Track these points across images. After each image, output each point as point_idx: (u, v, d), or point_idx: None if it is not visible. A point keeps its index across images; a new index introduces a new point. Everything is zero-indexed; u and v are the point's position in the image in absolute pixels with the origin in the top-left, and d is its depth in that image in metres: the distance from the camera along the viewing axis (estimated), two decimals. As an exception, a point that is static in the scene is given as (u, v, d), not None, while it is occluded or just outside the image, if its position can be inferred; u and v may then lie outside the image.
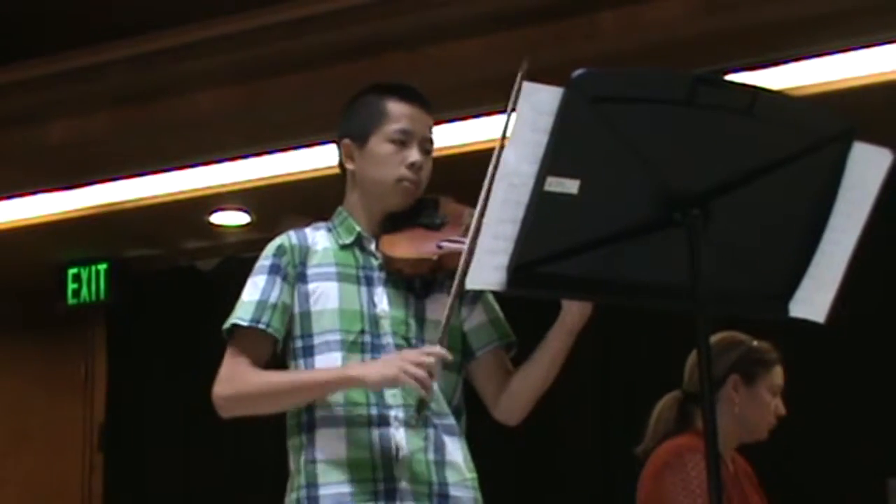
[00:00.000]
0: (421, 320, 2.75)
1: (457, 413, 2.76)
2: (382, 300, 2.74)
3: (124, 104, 5.49)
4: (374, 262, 2.77)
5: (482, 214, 2.15)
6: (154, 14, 5.27)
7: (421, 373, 2.51)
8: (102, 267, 6.81)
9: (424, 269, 2.71)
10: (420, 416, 2.62)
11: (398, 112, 2.78)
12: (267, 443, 5.52)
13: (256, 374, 2.69)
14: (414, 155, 2.77)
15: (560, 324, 2.68)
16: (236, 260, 6.41)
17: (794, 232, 2.21)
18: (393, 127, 2.77)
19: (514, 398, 2.79)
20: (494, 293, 2.84)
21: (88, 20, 5.40)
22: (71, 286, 6.84)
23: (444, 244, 2.68)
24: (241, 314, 2.71)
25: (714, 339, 3.44)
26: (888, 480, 4.78)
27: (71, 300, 6.87)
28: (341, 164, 2.87)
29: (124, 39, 5.35)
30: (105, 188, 5.99)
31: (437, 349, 2.56)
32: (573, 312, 2.65)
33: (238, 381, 2.68)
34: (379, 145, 2.77)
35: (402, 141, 2.77)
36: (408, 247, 2.72)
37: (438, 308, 2.71)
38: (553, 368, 2.73)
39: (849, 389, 5.15)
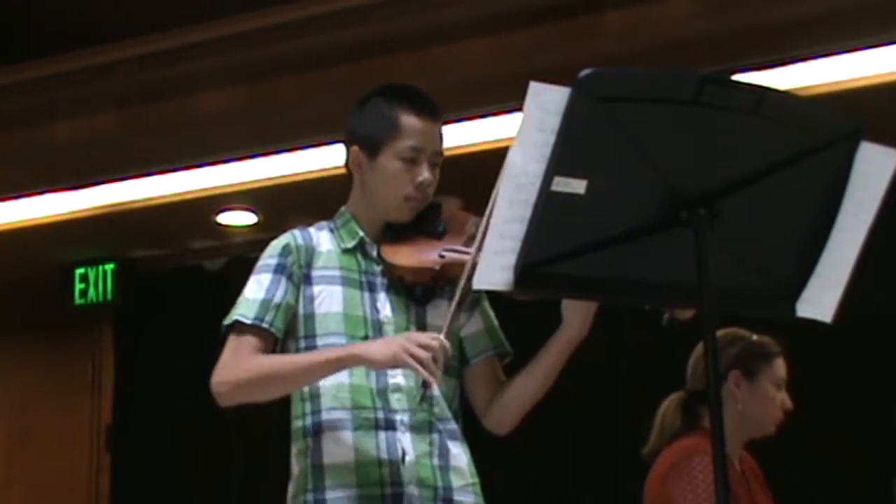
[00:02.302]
0: (422, 327, 2.73)
1: (455, 416, 2.76)
2: (385, 307, 2.73)
3: (131, 104, 5.49)
4: (376, 268, 2.76)
5: (488, 223, 2.13)
6: (161, 13, 5.28)
7: (424, 354, 2.46)
8: (109, 267, 6.82)
9: (426, 277, 2.71)
10: (423, 399, 2.59)
11: (411, 127, 2.74)
12: (273, 443, 5.55)
13: (259, 358, 2.66)
14: (423, 173, 2.74)
15: (559, 335, 2.67)
16: (243, 260, 6.39)
17: (801, 231, 2.21)
18: (405, 144, 2.73)
19: (506, 408, 2.78)
20: (491, 300, 2.85)
21: (94, 20, 5.41)
22: (78, 286, 6.85)
23: (447, 254, 2.67)
24: (245, 311, 2.69)
25: None
26: (894, 480, 4.78)
27: (78, 300, 6.88)
28: (347, 166, 2.85)
29: (131, 39, 5.36)
30: (112, 188, 5.99)
31: (443, 338, 2.52)
32: (574, 325, 2.64)
33: (241, 366, 2.65)
34: (389, 161, 2.74)
35: (413, 158, 2.73)
36: (410, 255, 2.72)
37: (439, 315, 2.70)
38: (548, 380, 2.72)
39: (854, 388, 5.14)
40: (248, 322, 2.67)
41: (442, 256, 2.68)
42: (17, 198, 6.16)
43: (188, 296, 6.79)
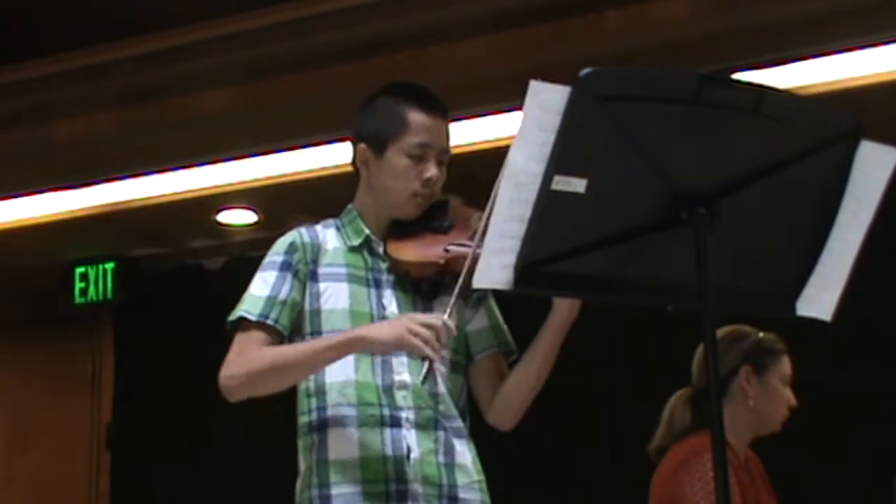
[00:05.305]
0: None
1: (462, 415, 2.76)
2: (391, 303, 2.74)
3: (131, 103, 5.49)
4: (383, 265, 2.77)
5: (489, 217, 2.14)
6: (161, 13, 5.28)
7: (427, 332, 2.47)
8: (109, 266, 6.82)
9: (431, 272, 2.71)
10: (427, 377, 2.54)
11: (418, 124, 2.74)
12: (275, 441, 5.55)
13: (267, 350, 2.67)
14: (430, 170, 2.74)
15: (550, 321, 2.68)
16: (243, 259, 6.41)
17: (801, 230, 2.21)
18: (412, 140, 2.73)
19: (507, 401, 2.78)
20: (497, 298, 2.85)
21: (94, 20, 5.41)
22: (78, 285, 6.85)
23: (451, 248, 2.68)
24: (250, 308, 2.70)
25: (720, 332, 3.43)
26: (894, 480, 4.78)
27: (78, 299, 6.88)
28: (354, 164, 2.85)
29: (130, 38, 5.36)
30: (112, 187, 5.99)
31: (445, 317, 2.52)
32: (563, 308, 2.65)
33: (249, 359, 2.65)
34: (396, 157, 2.74)
35: (420, 155, 2.74)
36: (415, 250, 2.73)
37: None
38: (545, 368, 2.72)
39: (855, 387, 5.14)
40: (254, 319, 2.69)
41: (447, 251, 2.68)
42: (17, 197, 6.16)
43: (188, 295, 6.79)
